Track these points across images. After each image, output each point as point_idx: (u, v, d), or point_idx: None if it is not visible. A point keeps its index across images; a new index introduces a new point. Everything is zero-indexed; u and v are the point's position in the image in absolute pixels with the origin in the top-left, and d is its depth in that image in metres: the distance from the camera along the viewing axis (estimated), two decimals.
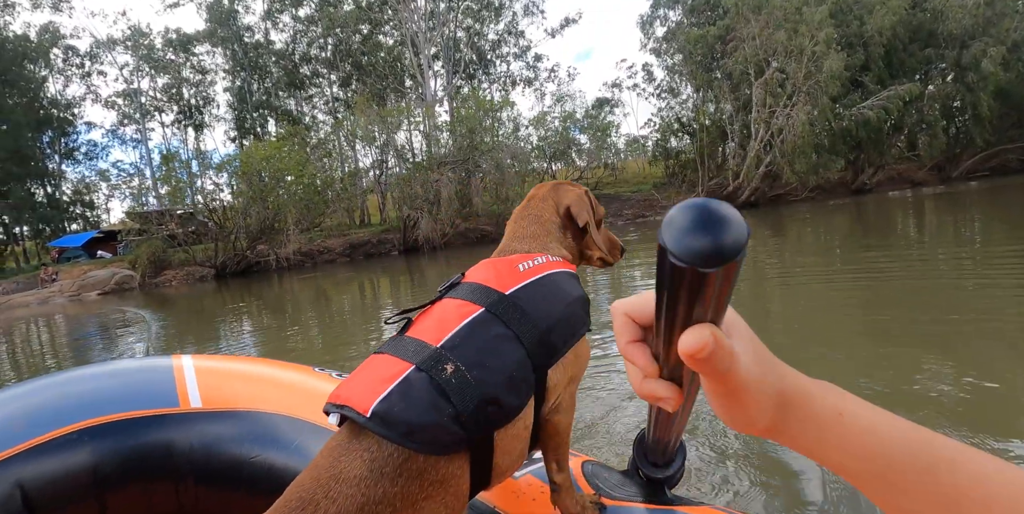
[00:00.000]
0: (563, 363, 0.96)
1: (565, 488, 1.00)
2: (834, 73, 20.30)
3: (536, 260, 1.03)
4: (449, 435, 0.82)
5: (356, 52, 31.65)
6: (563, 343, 0.96)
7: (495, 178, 20.52)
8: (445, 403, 0.82)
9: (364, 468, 0.79)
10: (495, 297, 0.94)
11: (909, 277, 5.45)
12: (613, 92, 33.40)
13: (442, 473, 0.82)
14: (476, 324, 0.91)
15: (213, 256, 21.03)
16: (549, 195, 1.18)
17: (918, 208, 15.14)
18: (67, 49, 35.93)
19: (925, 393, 2.58)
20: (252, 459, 1.17)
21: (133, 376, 1.30)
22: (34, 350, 9.04)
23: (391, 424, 0.79)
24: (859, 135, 22.58)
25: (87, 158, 37.99)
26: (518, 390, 0.88)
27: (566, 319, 0.97)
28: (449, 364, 0.85)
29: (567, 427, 0.99)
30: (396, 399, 0.81)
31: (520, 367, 0.89)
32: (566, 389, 0.97)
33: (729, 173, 23.33)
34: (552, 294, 0.98)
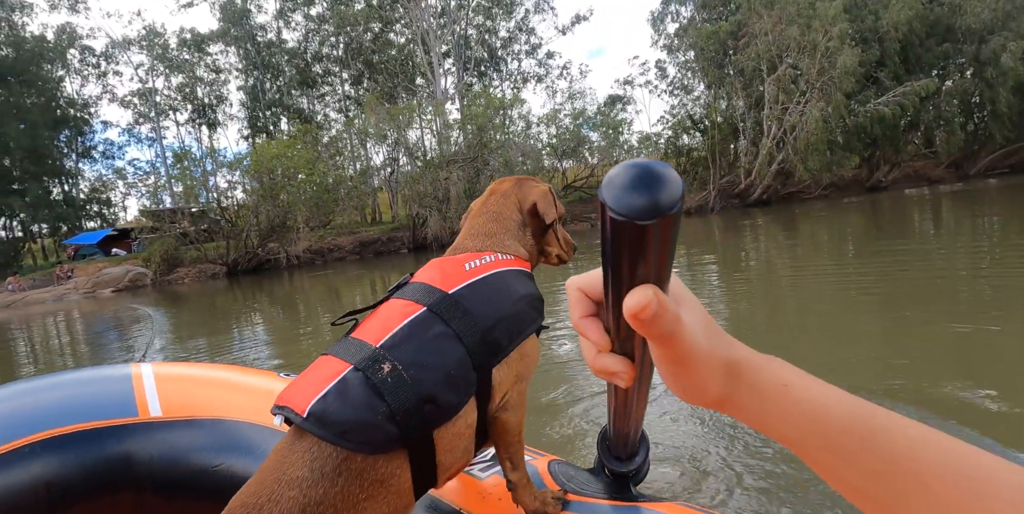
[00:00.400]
0: (508, 361, 0.96)
1: (521, 485, 1.00)
2: (848, 69, 19.99)
3: (484, 259, 1.03)
4: (384, 434, 0.82)
5: (367, 50, 31.72)
6: (508, 341, 0.96)
7: (504, 176, 20.47)
8: (380, 402, 0.83)
9: (305, 469, 0.80)
10: (438, 296, 0.95)
11: (926, 277, 5.33)
12: (625, 89, 33.22)
13: (381, 472, 0.83)
14: (416, 323, 0.91)
15: (225, 254, 21.21)
16: (512, 191, 1.17)
17: (935, 206, 14.88)
18: (83, 49, 36.42)
19: (951, 398, 2.51)
20: (215, 468, 1.16)
21: (90, 386, 1.27)
22: (50, 346, 9.15)
23: (326, 424, 0.80)
24: (874, 132, 22.25)
25: (104, 157, 38.53)
26: (457, 388, 0.89)
27: (511, 317, 0.97)
28: (386, 363, 0.86)
29: (517, 425, 0.99)
30: (332, 399, 0.83)
31: (459, 365, 0.89)
32: (514, 387, 0.97)
33: (741, 171, 23.08)
34: (497, 292, 0.98)
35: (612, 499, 1.02)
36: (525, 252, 1.13)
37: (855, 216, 14.38)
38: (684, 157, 26.25)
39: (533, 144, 23.88)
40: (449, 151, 22.25)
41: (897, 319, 3.98)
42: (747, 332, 4.11)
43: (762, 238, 11.97)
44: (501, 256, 1.06)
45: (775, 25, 21.00)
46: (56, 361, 7.35)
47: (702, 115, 26.26)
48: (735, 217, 18.82)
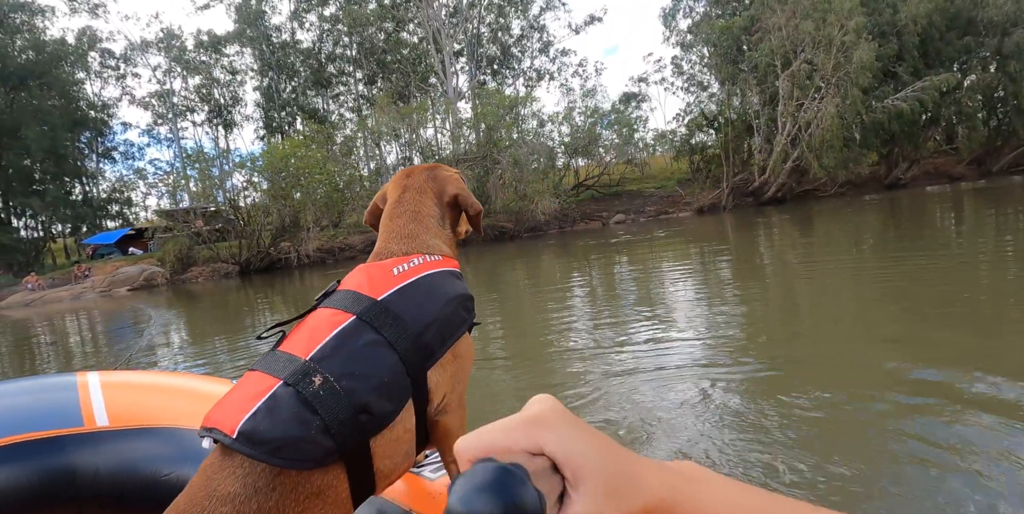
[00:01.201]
0: (443, 363, 0.95)
1: None
2: (865, 64, 19.55)
3: (413, 262, 1.01)
4: (318, 448, 0.80)
5: (379, 50, 31.84)
6: (440, 344, 0.94)
7: (514, 174, 20.38)
8: (312, 416, 0.81)
9: (238, 485, 0.78)
10: (367, 304, 0.93)
11: (946, 279, 5.16)
12: (640, 87, 33.00)
13: (317, 485, 0.81)
14: (346, 333, 0.89)
15: (237, 253, 21.42)
16: (427, 186, 1.14)
17: (956, 204, 14.53)
18: (103, 52, 37.04)
19: (978, 397, 2.40)
20: (164, 477, 1.13)
21: (33, 395, 1.23)
22: (43, 346, 9.26)
23: (257, 443, 0.78)
24: (892, 128, 21.73)
25: (124, 157, 39.18)
26: (391, 396, 0.87)
27: (443, 319, 0.95)
28: (317, 376, 0.83)
29: (458, 427, 0.98)
30: (262, 417, 0.80)
31: (393, 373, 0.88)
32: (452, 390, 0.96)
33: (755, 168, 22.72)
34: (428, 296, 0.97)
35: None
36: (449, 249, 1.10)
37: (873, 214, 14.08)
38: (698, 155, 25.99)
39: (544, 142, 23.76)
40: (460, 150, 22.23)
41: (915, 321, 3.84)
42: (761, 334, 4.00)
43: (776, 237, 11.77)
44: (429, 257, 1.04)
45: (789, 20, 20.63)
46: (45, 362, 7.41)
47: (716, 112, 25.95)
48: (749, 215, 18.56)
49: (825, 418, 2.38)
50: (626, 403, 2.78)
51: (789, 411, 2.48)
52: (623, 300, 6.07)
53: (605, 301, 6.27)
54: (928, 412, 2.32)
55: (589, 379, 3.22)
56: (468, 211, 1.15)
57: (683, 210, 23.59)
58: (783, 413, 2.46)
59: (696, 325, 4.25)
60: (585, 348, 4.00)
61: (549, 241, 18.23)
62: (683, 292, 6.05)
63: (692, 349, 3.60)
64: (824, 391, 2.63)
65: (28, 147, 27.66)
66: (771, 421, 2.39)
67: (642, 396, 2.86)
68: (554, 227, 22.47)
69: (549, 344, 4.35)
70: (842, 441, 2.18)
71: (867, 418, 2.35)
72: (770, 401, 2.60)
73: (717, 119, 25.00)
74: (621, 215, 23.60)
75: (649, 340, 3.96)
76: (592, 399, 2.89)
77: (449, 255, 1.09)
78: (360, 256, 22.29)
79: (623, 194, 25.94)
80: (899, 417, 2.31)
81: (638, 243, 13.65)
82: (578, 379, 3.25)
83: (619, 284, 7.58)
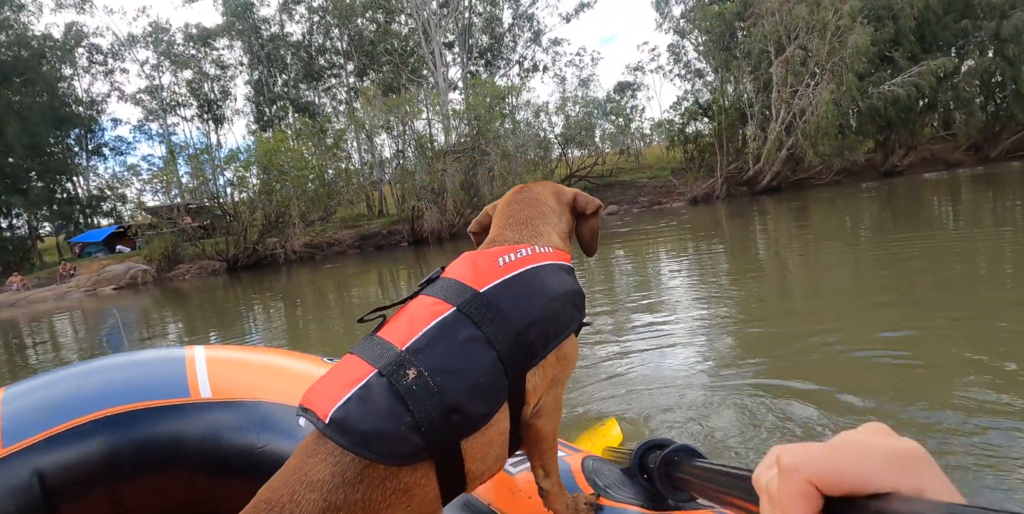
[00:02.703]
0: (544, 365, 0.91)
1: (553, 493, 0.97)
2: (860, 49, 19.16)
3: (520, 252, 0.96)
4: (408, 445, 0.78)
5: (366, 41, 31.36)
6: (544, 344, 0.90)
7: (503, 166, 20.01)
8: (404, 411, 0.79)
9: (327, 472, 0.77)
10: (469, 295, 0.90)
11: (942, 267, 4.97)
12: (635, 75, 32.58)
13: (405, 481, 0.80)
14: (445, 325, 0.86)
15: (224, 250, 21.11)
16: (546, 186, 1.14)
17: (954, 190, 14.29)
18: (90, 47, 36.45)
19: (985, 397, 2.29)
20: (260, 449, 1.18)
21: (146, 367, 1.31)
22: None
23: (347, 432, 0.78)
24: (888, 114, 21.36)
25: (116, 154, 38.66)
26: (485, 397, 0.84)
27: (548, 317, 0.90)
28: (412, 369, 0.82)
29: (551, 432, 0.95)
30: (354, 405, 0.80)
31: (489, 373, 0.84)
32: (549, 392, 0.92)
33: (749, 157, 22.37)
34: (533, 290, 0.92)
35: (648, 507, 0.98)
36: (562, 243, 1.06)
37: (869, 202, 13.83)
38: (692, 144, 25.63)
39: (536, 133, 23.36)
40: (449, 142, 21.84)
41: (916, 313, 3.68)
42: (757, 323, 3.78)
43: (772, 227, 11.52)
44: (539, 249, 0.99)
45: (782, 4, 20.21)
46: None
47: (710, 100, 25.56)
48: (743, 205, 18.30)
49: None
50: (627, 396, 2.73)
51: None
52: (617, 295, 5.81)
53: (593, 300, 5.98)
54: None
55: (589, 378, 3.11)
56: (586, 210, 1.12)
57: (677, 200, 23.25)
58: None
59: (695, 335, 4.02)
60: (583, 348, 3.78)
61: None
62: (678, 287, 5.86)
63: (691, 356, 3.40)
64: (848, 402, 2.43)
65: (9, 145, 27.24)
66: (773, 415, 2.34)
67: (642, 388, 2.80)
68: None
69: None
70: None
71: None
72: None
73: (711, 107, 24.60)
74: (614, 206, 23.27)
75: (648, 337, 3.81)
76: (594, 398, 2.81)
77: (561, 248, 1.04)
78: (350, 251, 21.99)
79: (616, 184, 25.60)
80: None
81: (630, 235, 13.38)
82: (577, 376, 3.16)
83: (613, 278, 7.32)
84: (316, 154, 21.71)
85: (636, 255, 9.53)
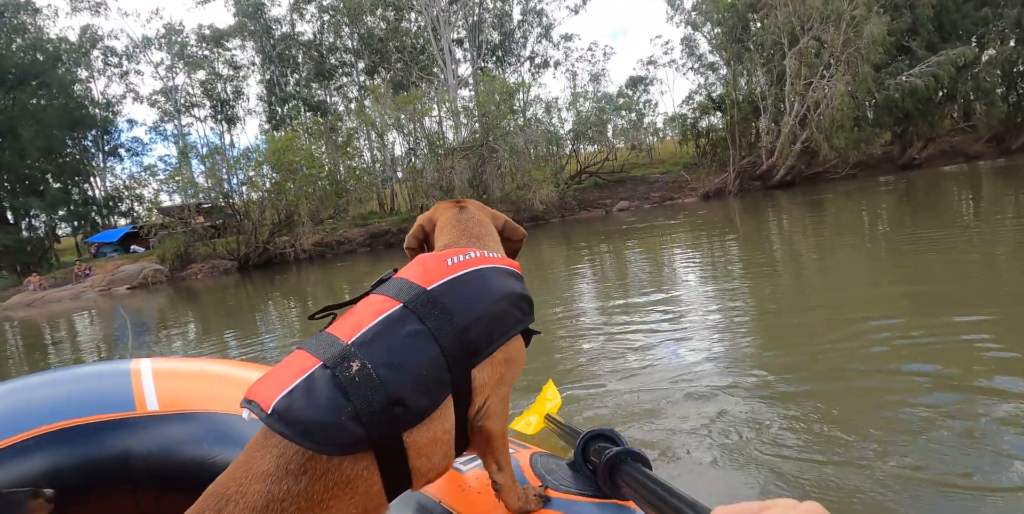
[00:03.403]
0: (491, 363, 0.92)
1: (507, 486, 0.99)
2: (876, 38, 18.71)
3: (469, 254, 0.99)
4: (347, 435, 0.80)
5: (375, 39, 31.35)
6: (488, 341, 0.92)
7: (511, 163, 19.86)
8: (345, 402, 0.81)
9: (272, 464, 0.79)
10: (415, 292, 0.92)
11: (965, 265, 4.77)
12: (648, 70, 32.21)
13: (347, 474, 0.81)
14: (391, 321, 0.89)
15: (236, 249, 21.23)
16: (483, 209, 1.18)
17: (974, 184, 13.92)
18: (106, 50, 36.88)
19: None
20: (211, 460, 1.17)
21: (90, 381, 1.28)
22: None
23: (289, 422, 0.79)
24: (906, 106, 20.88)
25: (132, 155, 39.13)
26: (428, 391, 0.85)
27: (492, 316, 0.93)
28: (356, 361, 0.84)
29: (500, 432, 0.96)
30: (298, 396, 0.81)
31: (432, 366, 0.86)
32: (496, 392, 0.94)
33: (763, 151, 21.99)
34: (480, 289, 0.95)
35: (593, 496, 1.01)
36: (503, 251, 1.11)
37: (887, 196, 13.51)
38: (704, 138, 25.29)
39: (546, 129, 23.17)
40: (459, 139, 21.73)
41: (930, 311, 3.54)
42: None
43: (785, 222, 11.29)
44: (488, 254, 1.02)
45: None
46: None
47: (722, 94, 25.18)
48: (757, 200, 18.01)
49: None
50: (635, 399, 2.66)
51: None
52: (627, 294, 5.69)
53: (604, 296, 5.87)
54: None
55: (598, 374, 3.08)
56: (514, 236, 1.18)
57: (689, 196, 22.95)
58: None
59: (706, 330, 3.92)
60: (591, 347, 3.75)
61: (551, 232, 17.79)
62: (691, 286, 5.71)
63: (703, 351, 3.33)
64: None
65: (24, 147, 27.63)
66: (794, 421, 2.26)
67: (653, 391, 2.73)
68: (555, 216, 21.95)
69: (554, 339, 4.10)
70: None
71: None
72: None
73: (724, 101, 24.24)
74: (625, 202, 23.03)
75: (660, 339, 3.70)
76: (599, 396, 2.76)
77: (512, 263, 1.07)
78: (360, 249, 22.00)
79: (627, 180, 25.34)
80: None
81: (641, 231, 13.20)
82: (585, 373, 3.14)
83: (622, 277, 7.20)
84: (326, 153, 21.72)
85: (649, 251, 9.40)
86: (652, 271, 7.18)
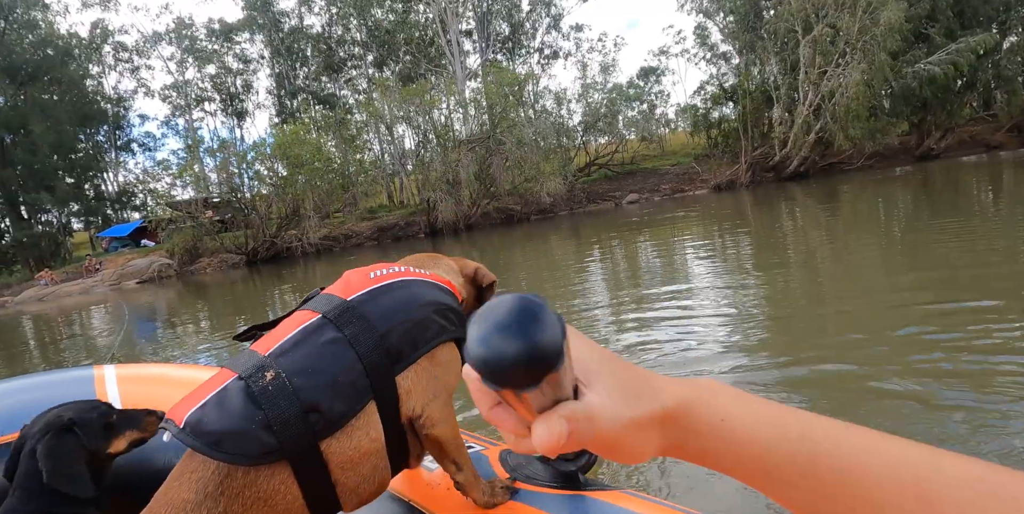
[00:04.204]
0: (416, 369, 0.91)
1: (468, 483, 0.98)
2: (893, 25, 18.22)
3: (393, 269, 1.00)
4: (258, 444, 0.78)
5: (383, 31, 31.17)
6: (411, 347, 0.91)
7: (517, 155, 19.62)
8: (256, 410, 0.79)
9: (190, 491, 0.77)
10: (334, 303, 0.92)
11: (983, 258, 4.52)
12: (660, 60, 31.77)
13: (264, 489, 0.79)
14: (308, 331, 0.89)
15: (244, 243, 21.22)
16: (457, 258, 1.17)
17: (995, 175, 13.52)
18: (117, 45, 36.99)
19: None
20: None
21: (53, 388, 1.27)
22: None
23: (200, 434, 0.78)
24: (924, 94, 20.35)
25: (145, 149, 39.30)
26: (344, 396, 0.84)
27: (413, 323, 0.92)
28: (270, 372, 0.83)
29: (451, 437, 0.94)
30: (210, 408, 0.80)
31: (348, 371, 0.85)
32: (433, 401, 0.92)
33: (776, 142, 21.58)
34: (401, 299, 0.95)
35: (561, 488, 1.00)
36: (456, 283, 1.08)
37: (903, 188, 13.16)
38: (715, 129, 24.88)
39: (552, 121, 22.89)
40: (465, 132, 21.52)
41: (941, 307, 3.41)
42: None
43: (799, 215, 11.01)
44: (415, 270, 1.02)
45: None
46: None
47: (735, 84, 24.73)
48: (769, 192, 17.66)
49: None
50: None
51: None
52: (637, 287, 5.54)
53: (616, 291, 5.71)
54: None
55: None
56: (483, 282, 1.16)
57: (700, 188, 22.61)
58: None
59: (720, 328, 3.79)
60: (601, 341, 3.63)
61: (560, 225, 17.58)
62: (702, 280, 5.55)
63: (719, 352, 3.23)
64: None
65: (35, 143, 27.76)
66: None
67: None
68: (564, 209, 21.71)
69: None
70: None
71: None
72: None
73: (736, 91, 23.80)
74: (635, 194, 22.73)
75: (671, 338, 3.59)
76: None
77: (441, 278, 1.05)
78: (368, 242, 21.93)
79: (637, 172, 25.02)
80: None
81: (650, 224, 12.97)
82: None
83: (632, 272, 7.02)
84: (334, 145, 21.60)
85: (662, 244, 9.21)
86: (664, 265, 7.04)
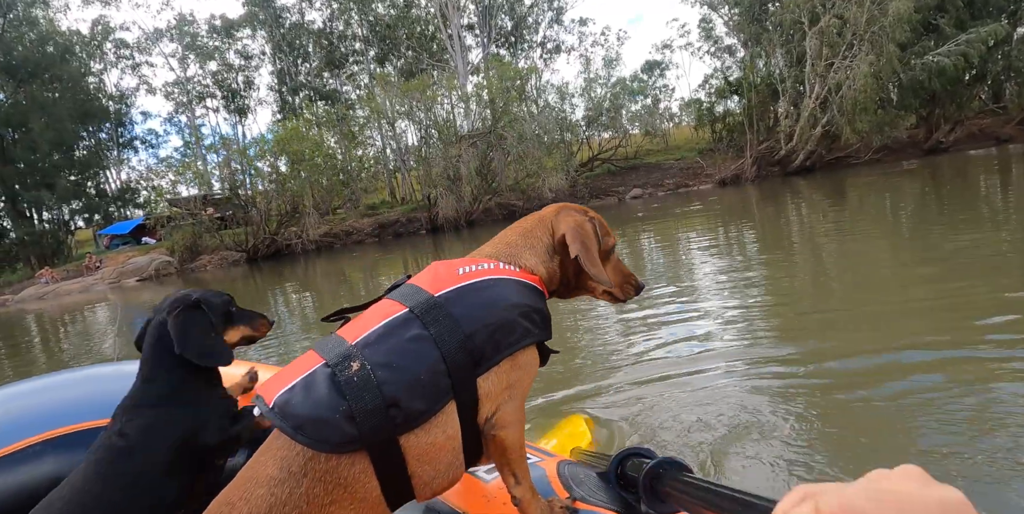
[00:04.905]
0: (497, 372, 0.91)
1: (526, 500, 0.96)
2: (902, 16, 17.85)
3: (481, 265, 1.00)
4: (340, 433, 0.80)
5: (383, 26, 30.92)
6: (494, 350, 0.91)
7: (519, 150, 19.38)
8: (340, 400, 0.81)
9: (275, 468, 0.80)
10: (422, 298, 0.93)
11: (993, 259, 4.37)
12: (664, 54, 31.42)
13: (344, 476, 0.81)
14: (395, 324, 0.90)
15: (244, 240, 21.09)
16: (549, 217, 1.11)
17: (1004, 169, 13.24)
18: (118, 42, 36.85)
19: None
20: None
21: (97, 384, 1.28)
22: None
23: (287, 416, 0.81)
24: (933, 86, 19.94)
25: (147, 146, 39.22)
26: (424, 395, 0.85)
27: (498, 325, 0.91)
28: (356, 362, 0.85)
29: (515, 442, 0.93)
30: (298, 392, 0.83)
31: (431, 371, 0.86)
32: (507, 403, 0.92)
33: (781, 135, 21.26)
34: (488, 299, 0.94)
35: (624, 511, 0.98)
36: (543, 271, 1.06)
37: (911, 182, 12.88)
38: (720, 123, 24.56)
39: (554, 115, 22.61)
40: (469, 126, 21.27)
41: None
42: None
43: (805, 211, 10.78)
44: (503, 265, 1.01)
45: None
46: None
47: (740, 77, 24.40)
48: (775, 186, 17.39)
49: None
50: (665, 401, 2.58)
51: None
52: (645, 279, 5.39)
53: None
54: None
55: (618, 384, 2.92)
56: (571, 252, 1.07)
57: (704, 182, 22.32)
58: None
59: (727, 325, 3.73)
60: (611, 351, 3.58)
61: None
62: (706, 278, 5.41)
63: (725, 350, 3.19)
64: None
65: (36, 140, 27.68)
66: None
67: (679, 392, 2.64)
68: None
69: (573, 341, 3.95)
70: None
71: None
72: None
73: (741, 84, 23.47)
74: (638, 189, 22.47)
75: (680, 338, 3.53)
76: (625, 403, 2.65)
77: (534, 272, 1.04)
78: (368, 239, 21.76)
79: (641, 167, 24.74)
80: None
81: (654, 220, 12.75)
82: (604, 380, 2.98)
83: (635, 268, 6.82)
84: (335, 141, 21.42)
85: (665, 240, 9.03)
86: (668, 262, 6.92)
